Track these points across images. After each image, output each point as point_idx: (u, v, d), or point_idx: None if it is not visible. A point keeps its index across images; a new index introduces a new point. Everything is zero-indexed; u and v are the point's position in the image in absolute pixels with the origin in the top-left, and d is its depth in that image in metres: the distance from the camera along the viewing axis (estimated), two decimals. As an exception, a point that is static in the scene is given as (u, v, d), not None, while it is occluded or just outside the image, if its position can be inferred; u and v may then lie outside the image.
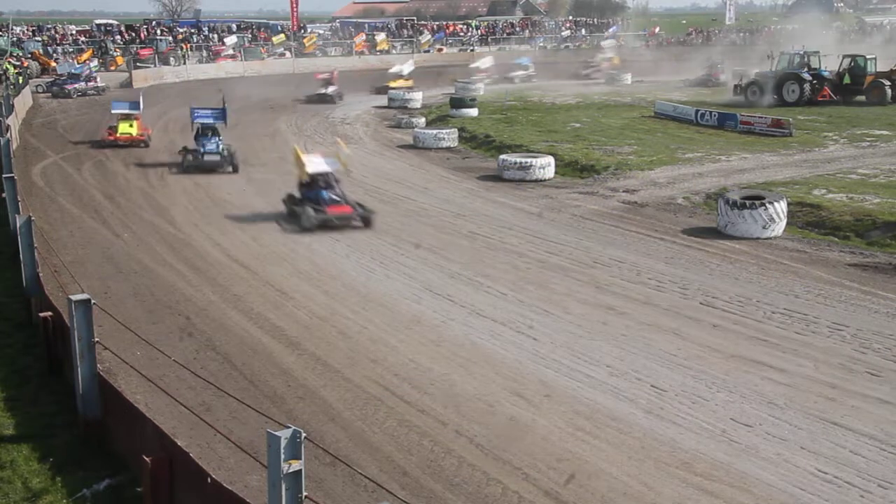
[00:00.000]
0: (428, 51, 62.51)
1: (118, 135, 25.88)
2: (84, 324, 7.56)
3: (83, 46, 51.77)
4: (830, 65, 33.92)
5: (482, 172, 21.87)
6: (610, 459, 7.67)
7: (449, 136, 26.03)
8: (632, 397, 8.89)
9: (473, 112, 31.18)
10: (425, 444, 7.92)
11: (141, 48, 51.96)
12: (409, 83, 41.10)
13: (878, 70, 32.97)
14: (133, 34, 56.18)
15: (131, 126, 26.32)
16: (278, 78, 47.00)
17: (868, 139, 24.43)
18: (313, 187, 16.54)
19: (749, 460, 7.63)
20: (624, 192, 18.95)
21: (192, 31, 59.28)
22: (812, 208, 16.28)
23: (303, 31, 61.89)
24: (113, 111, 27.01)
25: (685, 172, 20.45)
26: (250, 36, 60.25)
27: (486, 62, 48.27)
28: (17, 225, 11.26)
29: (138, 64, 48.66)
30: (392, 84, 40.22)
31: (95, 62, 47.29)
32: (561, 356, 9.95)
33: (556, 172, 20.86)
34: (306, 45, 58.83)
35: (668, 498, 7.09)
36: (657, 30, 74.68)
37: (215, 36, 58.87)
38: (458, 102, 32.03)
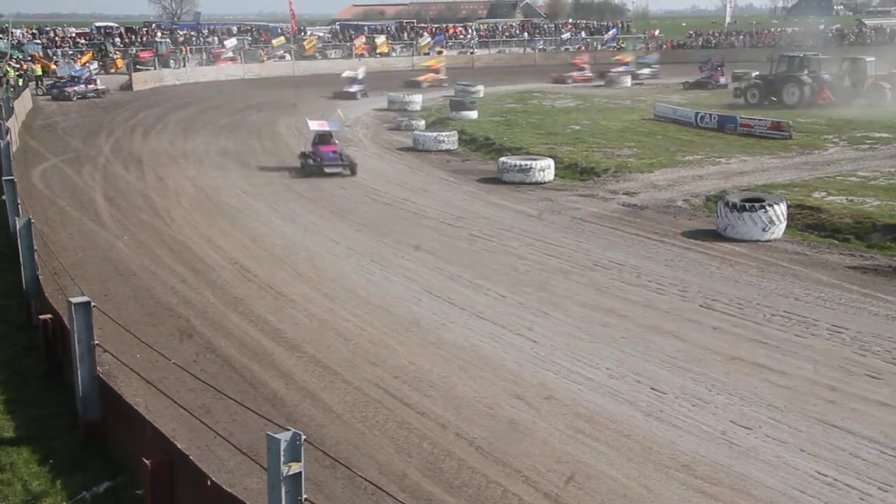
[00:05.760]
0: (428, 53, 62.56)
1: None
2: (84, 326, 7.57)
3: (83, 49, 51.81)
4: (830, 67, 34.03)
5: (482, 175, 21.87)
6: (610, 462, 7.67)
7: (449, 139, 26.02)
8: (632, 400, 8.88)
9: (473, 114, 31.18)
10: (425, 447, 7.92)
11: (141, 51, 52.01)
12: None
13: (877, 72, 33.05)
14: (133, 36, 56.24)
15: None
16: (281, 80, 47.12)
17: (868, 141, 24.45)
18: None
19: (749, 463, 7.63)
20: (624, 194, 18.95)
21: (192, 33, 59.35)
22: (812, 211, 16.28)
23: (302, 33, 61.92)
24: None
25: (685, 175, 20.46)
26: (250, 38, 60.33)
27: (360, 72, 42.94)
28: (17, 227, 11.26)
29: (138, 66, 48.71)
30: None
31: (95, 64, 47.31)
32: (561, 358, 9.95)
33: (555, 175, 20.86)
34: (306, 47, 58.88)
35: (668, 500, 7.09)
36: (657, 32, 74.75)
37: (215, 38, 58.93)
38: (457, 105, 32.05)
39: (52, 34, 54.95)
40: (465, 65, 58.26)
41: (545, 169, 20.67)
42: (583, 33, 72.89)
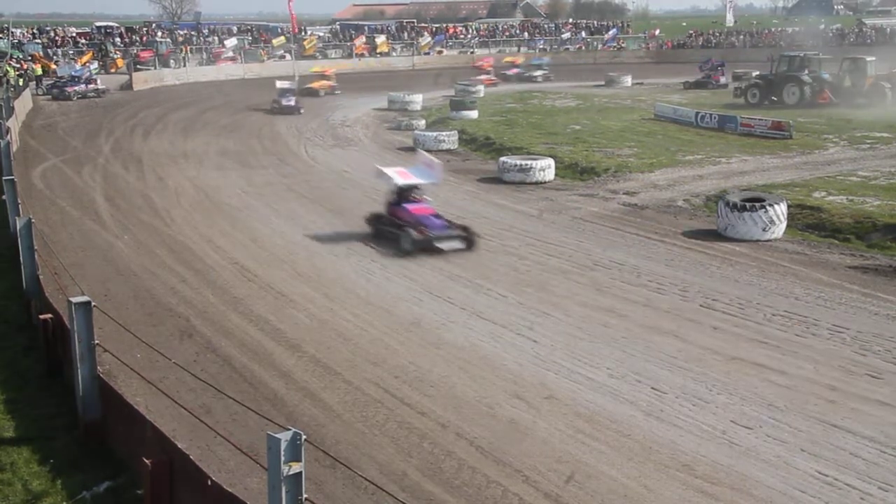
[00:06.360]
0: (428, 53, 62.60)
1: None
2: (84, 326, 7.56)
3: (83, 48, 51.80)
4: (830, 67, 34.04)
5: (482, 174, 21.86)
6: (610, 461, 7.67)
7: (449, 139, 26.02)
8: (632, 399, 8.88)
9: (473, 114, 31.20)
10: (425, 447, 7.92)
11: (141, 50, 52.03)
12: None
13: (877, 72, 33.06)
14: (133, 36, 56.24)
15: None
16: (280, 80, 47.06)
17: (868, 141, 24.46)
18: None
19: (749, 462, 7.62)
20: (624, 194, 18.94)
21: (192, 33, 59.38)
22: (812, 210, 16.27)
23: (303, 33, 61.91)
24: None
25: (685, 175, 20.45)
26: (250, 38, 60.35)
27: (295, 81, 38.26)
28: (18, 227, 11.26)
29: (138, 66, 48.73)
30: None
31: (95, 64, 47.32)
32: (561, 358, 9.95)
33: (556, 175, 20.86)
34: (306, 47, 58.88)
35: (668, 500, 7.08)
36: (657, 32, 74.77)
37: (215, 38, 58.94)
38: (458, 105, 32.08)
39: (52, 34, 54.93)
40: (465, 65, 58.29)
41: (545, 169, 20.67)
42: (583, 33, 72.89)
